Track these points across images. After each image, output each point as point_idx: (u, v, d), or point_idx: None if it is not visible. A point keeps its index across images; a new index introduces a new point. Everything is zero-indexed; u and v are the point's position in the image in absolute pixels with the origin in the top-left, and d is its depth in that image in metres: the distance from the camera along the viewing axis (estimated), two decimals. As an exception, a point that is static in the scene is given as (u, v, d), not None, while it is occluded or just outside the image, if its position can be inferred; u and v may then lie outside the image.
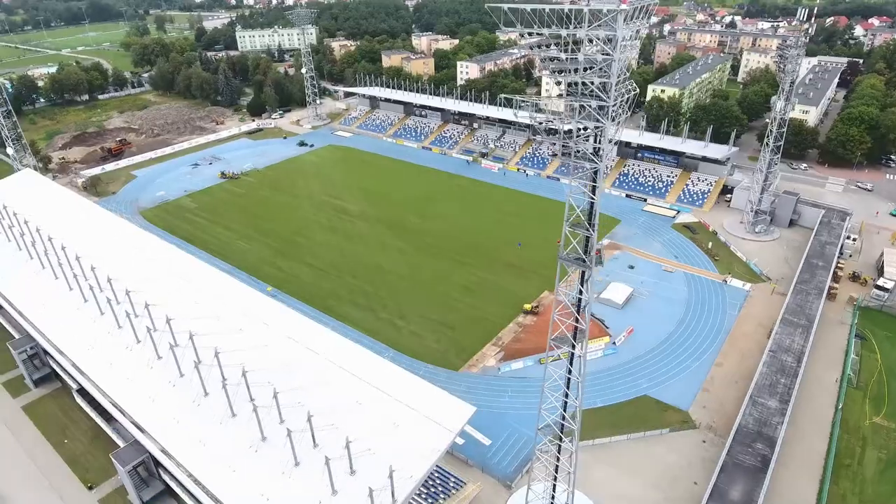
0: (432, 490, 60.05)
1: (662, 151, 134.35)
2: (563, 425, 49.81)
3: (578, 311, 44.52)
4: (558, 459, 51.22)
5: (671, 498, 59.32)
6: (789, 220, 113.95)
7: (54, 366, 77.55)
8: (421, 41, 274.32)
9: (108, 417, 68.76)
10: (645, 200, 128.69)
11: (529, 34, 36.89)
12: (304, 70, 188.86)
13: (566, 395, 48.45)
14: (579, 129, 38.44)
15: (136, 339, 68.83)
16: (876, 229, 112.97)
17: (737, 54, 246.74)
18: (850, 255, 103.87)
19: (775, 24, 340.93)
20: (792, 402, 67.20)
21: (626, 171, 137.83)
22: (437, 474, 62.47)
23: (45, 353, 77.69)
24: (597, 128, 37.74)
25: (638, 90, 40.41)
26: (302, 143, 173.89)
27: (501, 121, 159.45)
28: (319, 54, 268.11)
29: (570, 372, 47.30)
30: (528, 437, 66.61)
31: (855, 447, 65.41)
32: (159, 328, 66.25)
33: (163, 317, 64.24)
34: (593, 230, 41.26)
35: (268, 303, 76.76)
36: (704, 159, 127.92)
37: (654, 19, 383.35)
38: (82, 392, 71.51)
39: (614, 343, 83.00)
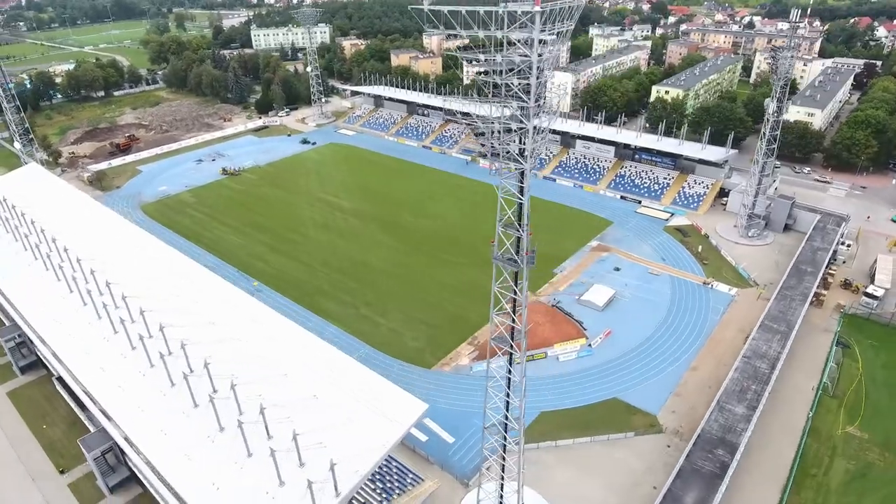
0: (388, 485, 60.60)
1: (660, 153, 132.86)
2: (506, 425, 49.89)
3: (514, 312, 44.39)
4: (504, 459, 51.32)
5: (628, 501, 58.98)
6: (784, 225, 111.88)
7: (39, 354, 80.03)
8: (431, 40, 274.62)
9: (83, 405, 70.81)
10: (639, 202, 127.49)
11: (453, 36, 37.03)
12: (309, 69, 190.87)
13: (507, 395, 48.45)
14: (510, 131, 38.45)
15: (112, 329, 70.65)
16: (874, 235, 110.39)
17: (750, 55, 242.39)
18: (844, 262, 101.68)
19: (795, 24, 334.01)
20: (760, 408, 66.21)
21: (622, 173, 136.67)
22: (395, 470, 63.11)
23: (31, 341, 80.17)
24: (521, 129, 37.74)
25: (564, 94, 40.30)
26: (305, 141, 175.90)
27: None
28: (330, 53, 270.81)
29: (509, 372, 47.28)
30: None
31: (823, 457, 64.24)
32: (136, 319, 68.05)
33: (138, 308, 66.08)
34: (523, 231, 41.12)
35: (244, 298, 78.26)
36: (702, 162, 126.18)
37: (671, 19, 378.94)
38: (61, 380, 73.73)
39: (590, 345, 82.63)
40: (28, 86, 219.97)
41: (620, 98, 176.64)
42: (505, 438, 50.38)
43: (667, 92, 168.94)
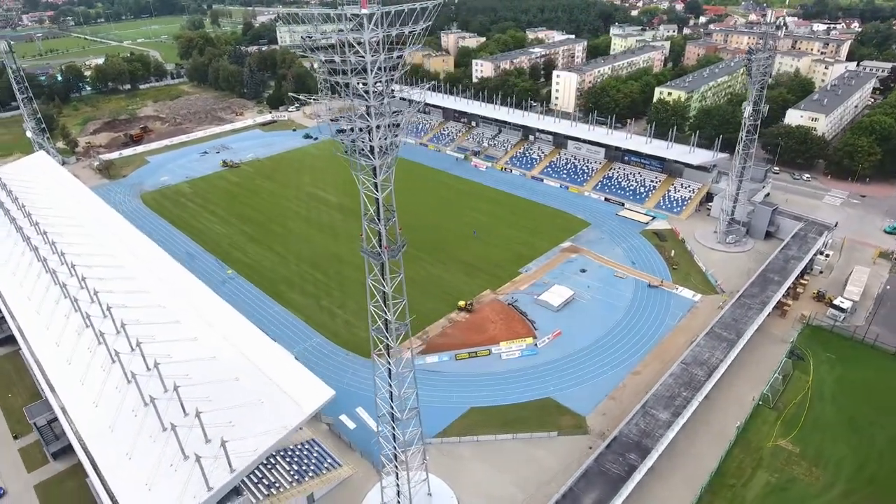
0: (304, 468, 62.63)
1: (649, 156, 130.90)
2: (392, 415, 51.22)
3: (385, 303, 45.69)
4: (395, 448, 52.64)
5: (532, 499, 59.34)
6: (766, 233, 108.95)
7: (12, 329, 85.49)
8: (448, 39, 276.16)
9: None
10: (622, 205, 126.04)
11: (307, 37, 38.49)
12: (316, 65, 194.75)
13: (390, 386, 49.77)
14: (365, 129, 39.75)
15: (73, 308, 75.02)
16: (862, 246, 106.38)
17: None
18: (821, 272, 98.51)
19: (831, 25, 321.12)
20: (686, 415, 65.43)
21: (610, 175, 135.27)
22: (315, 453, 65.15)
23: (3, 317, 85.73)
24: (368, 127, 39.01)
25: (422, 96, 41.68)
26: (307, 136, 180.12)
27: (497, 120, 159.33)
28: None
29: (388, 363, 48.60)
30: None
31: (746, 468, 63.07)
32: (93, 300, 72.37)
33: (96, 290, 70.68)
34: (382, 224, 42.41)
35: (196, 285, 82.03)
36: (689, 166, 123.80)
37: (702, 19, 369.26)
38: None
39: (536, 344, 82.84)
40: (59, 78, 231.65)
41: (623, 99, 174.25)
42: (394, 428, 51.59)
43: (669, 94, 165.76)
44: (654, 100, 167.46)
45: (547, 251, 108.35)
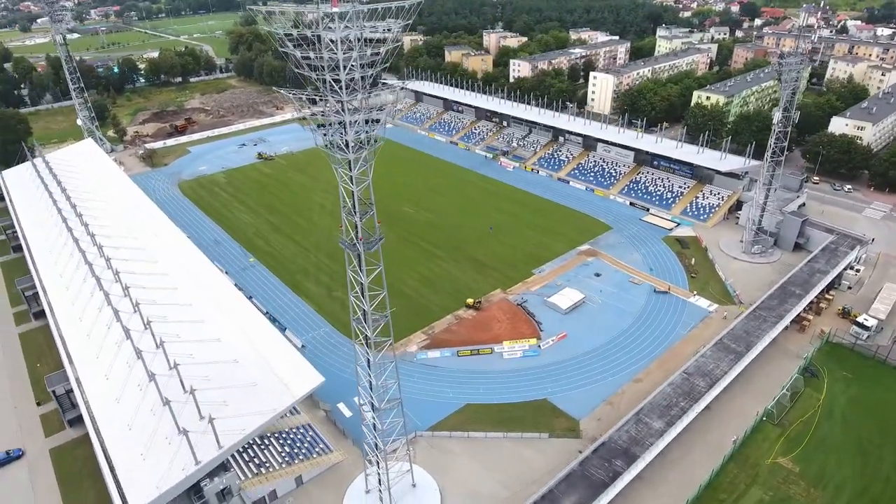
0: (296, 450, 64.76)
1: (679, 161, 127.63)
2: (372, 404, 52.41)
3: (362, 294, 46.88)
4: (375, 437, 53.81)
5: (515, 497, 59.39)
6: (794, 244, 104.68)
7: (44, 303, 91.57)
8: (490, 38, 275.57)
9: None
10: (647, 210, 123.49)
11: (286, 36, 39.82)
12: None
13: (369, 375, 50.95)
14: (341, 123, 40.92)
15: (97, 286, 79.63)
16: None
17: (826, 62, 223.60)
18: (850, 288, 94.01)
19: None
20: (681, 426, 64.06)
21: (638, 179, 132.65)
22: (309, 438, 67.24)
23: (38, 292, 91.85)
24: (341, 122, 40.13)
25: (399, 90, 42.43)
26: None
27: (528, 121, 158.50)
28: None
29: (367, 353, 49.77)
30: (410, 422, 69.15)
31: (740, 483, 61.25)
32: (117, 280, 76.87)
33: (119, 270, 75.34)
34: (357, 216, 43.54)
35: (214, 273, 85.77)
36: (717, 172, 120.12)
37: (757, 21, 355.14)
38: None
39: (539, 346, 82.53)
40: (115, 70, 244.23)
41: (660, 102, 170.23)
42: (374, 417, 52.78)
43: (707, 98, 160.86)
44: (692, 104, 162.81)
45: (563, 253, 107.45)
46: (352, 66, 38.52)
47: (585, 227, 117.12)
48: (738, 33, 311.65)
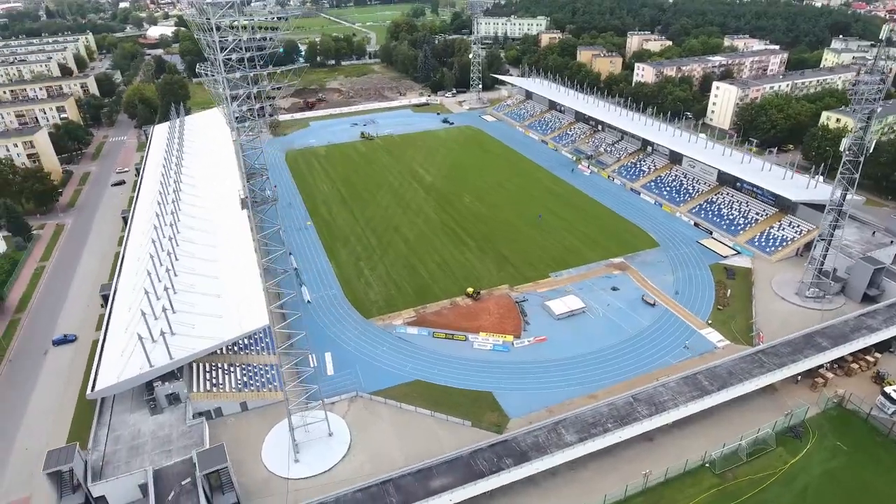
0: (250, 382, 74.41)
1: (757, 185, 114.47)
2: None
3: (258, 250, 53.82)
4: (282, 382, 61.00)
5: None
6: (863, 294, 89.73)
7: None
8: (632, 40, 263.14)
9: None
10: (710, 233, 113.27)
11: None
12: (471, 55, 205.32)
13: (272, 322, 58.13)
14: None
15: (159, 220, 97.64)
16: None
17: None
18: (908, 354, 78.97)
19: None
20: (594, 445, 61.76)
21: (713, 199, 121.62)
22: (269, 375, 76.66)
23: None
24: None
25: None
26: (445, 121, 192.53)
27: (618, 128, 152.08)
28: (525, 44, 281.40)
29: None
30: (359, 384, 75.58)
31: (638, 517, 57.81)
32: (174, 223, 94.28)
33: (179, 209, 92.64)
34: (243, 180, 50.20)
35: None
36: (789, 201, 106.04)
37: None
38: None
39: (513, 343, 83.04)
40: (280, 51, 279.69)
41: (784, 121, 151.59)
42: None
43: (837, 120, 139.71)
44: (819, 125, 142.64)
45: (592, 262, 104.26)
46: (233, 48, 45.23)
47: (629, 241, 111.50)
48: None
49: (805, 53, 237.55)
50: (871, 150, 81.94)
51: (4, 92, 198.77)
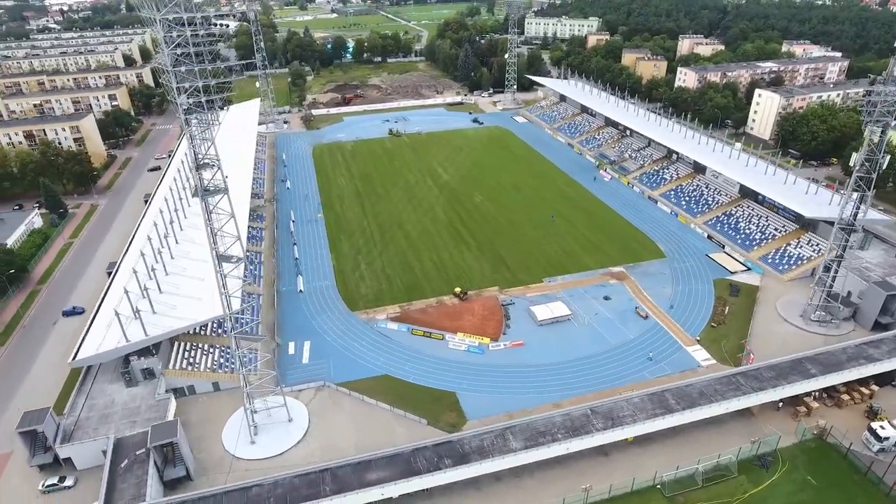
0: (224, 363, 77.29)
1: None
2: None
3: (213, 238, 56.00)
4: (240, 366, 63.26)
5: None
6: (874, 321, 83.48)
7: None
8: (683, 43, 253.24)
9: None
10: (722, 247, 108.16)
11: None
12: (507, 56, 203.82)
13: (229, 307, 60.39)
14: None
15: (171, 200, 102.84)
16: None
17: None
18: (914, 390, 72.93)
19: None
20: (538, 454, 60.76)
21: (732, 212, 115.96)
22: (247, 358, 79.21)
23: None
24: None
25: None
26: (475, 120, 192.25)
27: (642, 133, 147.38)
28: (570, 45, 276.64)
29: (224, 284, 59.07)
30: (328, 375, 77.27)
31: (575, 532, 56.48)
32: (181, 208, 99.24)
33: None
34: (194, 169, 52.32)
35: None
36: (800, 216, 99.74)
37: None
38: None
39: (489, 346, 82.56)
40: (329, 47, 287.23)
41: (826, 133, 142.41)
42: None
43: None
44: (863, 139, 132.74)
45: (589, 269, 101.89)
46: (179, 43, 47.33)
47: (634, 250, 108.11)
48: None
49: (871, 62, 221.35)
50: (884, 167, 76.15)
51: (69, 80, 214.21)
